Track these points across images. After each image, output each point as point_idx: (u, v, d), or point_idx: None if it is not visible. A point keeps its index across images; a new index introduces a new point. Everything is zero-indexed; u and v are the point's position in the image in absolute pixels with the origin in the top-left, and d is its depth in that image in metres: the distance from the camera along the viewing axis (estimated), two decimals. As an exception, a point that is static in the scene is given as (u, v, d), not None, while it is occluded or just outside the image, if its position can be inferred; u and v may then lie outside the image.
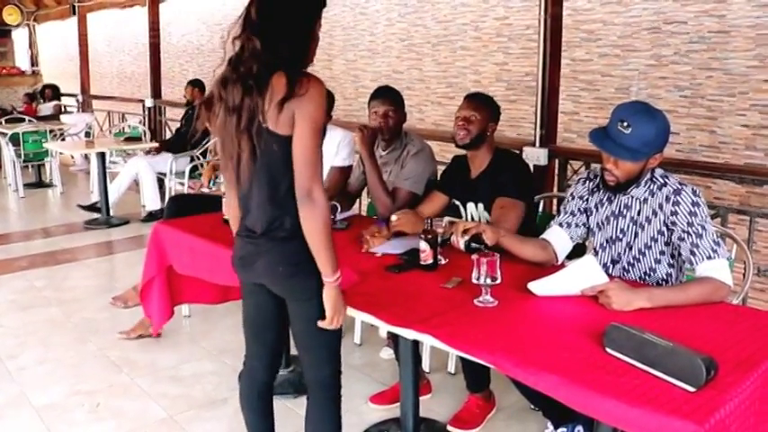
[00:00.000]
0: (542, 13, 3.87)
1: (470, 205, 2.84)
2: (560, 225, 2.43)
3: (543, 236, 2.45)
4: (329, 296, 1.86)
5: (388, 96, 3.14)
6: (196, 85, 6.62)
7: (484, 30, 5.40)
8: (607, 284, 2.01)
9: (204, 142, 6.25)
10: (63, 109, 10.36)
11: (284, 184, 1.84)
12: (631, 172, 2.18)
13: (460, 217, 2.87)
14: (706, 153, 4.05)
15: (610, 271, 2.32)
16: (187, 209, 3.57)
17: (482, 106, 2.78)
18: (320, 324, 1.89)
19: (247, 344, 2.17)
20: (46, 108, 9.87)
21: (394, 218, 2.64)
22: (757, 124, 3.82)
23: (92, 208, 6.41)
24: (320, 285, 1.88)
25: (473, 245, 2.29)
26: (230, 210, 2.08)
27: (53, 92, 10.20)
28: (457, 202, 2.89)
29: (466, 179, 2.85)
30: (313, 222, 1.80)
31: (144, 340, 3.62)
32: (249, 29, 1.83)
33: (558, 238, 2.41)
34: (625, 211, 2.28)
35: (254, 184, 1.88)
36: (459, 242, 2.34)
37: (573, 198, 2.44)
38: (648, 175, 2.22)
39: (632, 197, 2.25)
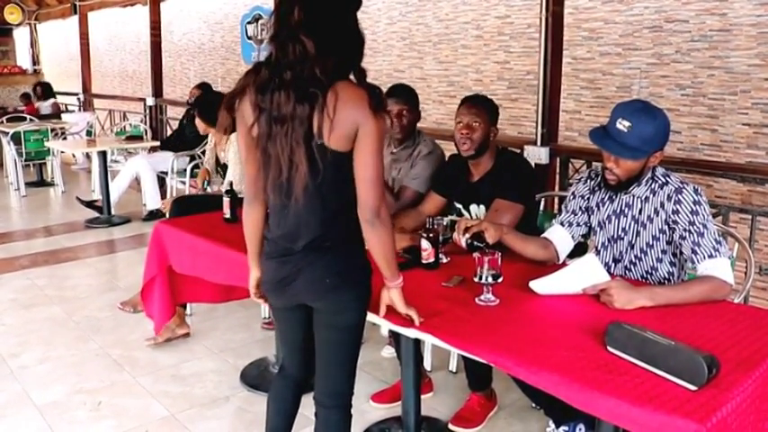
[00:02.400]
0: (543, 11, 3.86)
1: (473, 207, 2.83)
2: (562, 224, 2.43)
3: (545, 234, 2.45)
4: (396, 296, 1.89)
5: (402, 95, 3.09)
6: (203, 89, 6.59)
7: (485, 28, 5.40)
8: (609, 283, 2.01)
9: (204, 142, 6.24)
10: (63, 107, 10.34)
11: (334, 201, 1.77)
12: (632, 170, 2.18)
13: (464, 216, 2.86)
14: (708, 152, 4.05)
15: (611, 270, 2.32)
16: (190, 210, 3.57)
17: (483, 111, 2.74)
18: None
19: (286, 356, 2.11)
20: (44, 107, 9.83)
21: None
22: (759, 123, 3.81)
23: (90, 205, 6.41)
24: (361, 295, 1.87)
25: (475, 243, 2.29)
26: (251, 226, 1.94)
27: (44, 89, 10.09)
28: (458, 205, 2.88)
29: (467, 181, 2.83)
30: (381, 240, 1.77)
31: (145, 339, 3.62)
32: (294, 29, 1.65)
33: (560, 236, 2.41)
34: (626, 209, 2.28)
35: (305, 200, 1.75)
36: (461, 240, 2.33)
37: (574, 197, 2.44)
38: (649, 174, 2.22)
39: (633, 196, 2.25)
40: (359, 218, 1.76)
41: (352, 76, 1.75)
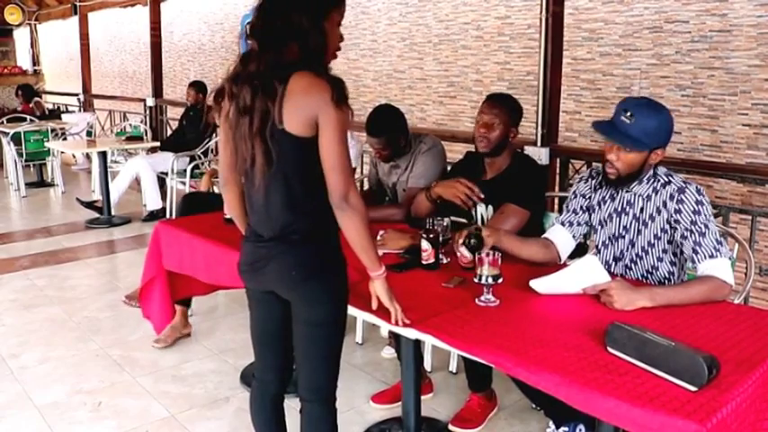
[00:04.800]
0: (544, 12, 3.86)
1: (481, 206, 2.82)
2: (563, 224, 2.43)
3: (546, 235, 2.45)
4: (380, 287, 1.90)
5: (379, 133, 3.05)
6: (196, 87, 6.59)
7: (485, 29, 5.40)
8: (609, 284, 2.01)
9: (205, 141, 6.25)
10: (54, 107, 10.32)
11: (301, 187, 1.80)
12: (633, 164, 2.18)
13: (470, 216, 2.86)
14: (708, 152, 4.05)
15: (612, 269, 2.32)
16: (199, 207, 3.59)
17: (504, 111, 2.72)
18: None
19: (258, 356, 2.09)
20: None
21: (378, 237, 2.60)
22: (759, 123, 3.82)
23: (90, 206, 6.41)
24: (333, 289, 1.88)
25: (472, 241, 2.28)
26: (233, 209, 2.04)
27: (25, 92, 10.01)
28: None
29: (480, 179, 2.80)
30: (354, 227, 1.78)
31: (145, 339, 3.62)
32: (253, 32, 1.78)
33: (561, 237, 2.42)
34: (628, 208, 2.28)
35: (268, 187, 1.81)
36: (463, 252, 2.33)
37: (575, 196, 2.44)
38: (651, 172, 2.23)
39: (635, 194, 2.25)
40: (330, 206, 1.79)
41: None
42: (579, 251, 2.62)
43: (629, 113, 2.12)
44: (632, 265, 2.31)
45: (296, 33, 1.75)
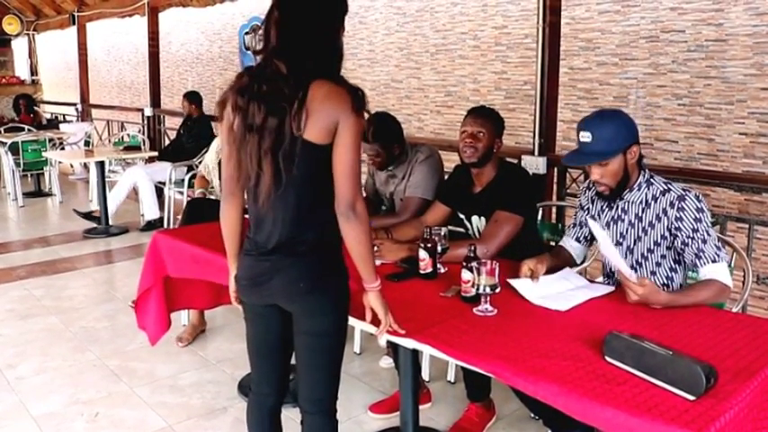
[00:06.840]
0: (541, 22, 3.88)
1: (475, 218, 2.83)
2: (572, 238, 2.52)
3: (560, 243, 2.55)
4: (375, 299, 1.89)
5: (373, 140, 3.07)
6: (191, 98, 6.57)
7: (482, 39, 5.42)
8: (642, 280, 2.08)
9: (203, 151, 6.24)
10: (52, 117, 10.33)
11: (310, 199, 1.80)
12: (616, 173, 2.23)
13: (466, 229, 2.87)
14: (704, 161, 4.06)
15: (615, 276, 2.34)
16: (205, 213, 3.59)
17: (489, 122, 2.74)
18: (376, 333, 1.94)
19: (255, 368, 2.08)
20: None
21: (375, 248, 2.61)
22: (755, 132, 3.83)
23: (88, 216, 6.40)
24: (336, 299, 1.88)
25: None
26: (228, 225, 1.97)
27: (26, 102, 9.98)
28: (461, 215, 2.88)
29: (470, 192, 2.82)
30: (357, 236, 1.78)
31: (142, 349, 3.61)
32: (271, 52, 1.75)
33: (573, 246, 2.53)
34: (623, 215, 2.33)
35: (276, 202, 1.79)
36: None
37: (579, 209, 2.53)
38: (643, 179, 2.28)
39: (627, 201, 2.31)
40: (336, 216, 1.78)
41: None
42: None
43: (585, 133, 2.21)
44: (633, 270, 2.32)
45: (316, 45, 1.75)
